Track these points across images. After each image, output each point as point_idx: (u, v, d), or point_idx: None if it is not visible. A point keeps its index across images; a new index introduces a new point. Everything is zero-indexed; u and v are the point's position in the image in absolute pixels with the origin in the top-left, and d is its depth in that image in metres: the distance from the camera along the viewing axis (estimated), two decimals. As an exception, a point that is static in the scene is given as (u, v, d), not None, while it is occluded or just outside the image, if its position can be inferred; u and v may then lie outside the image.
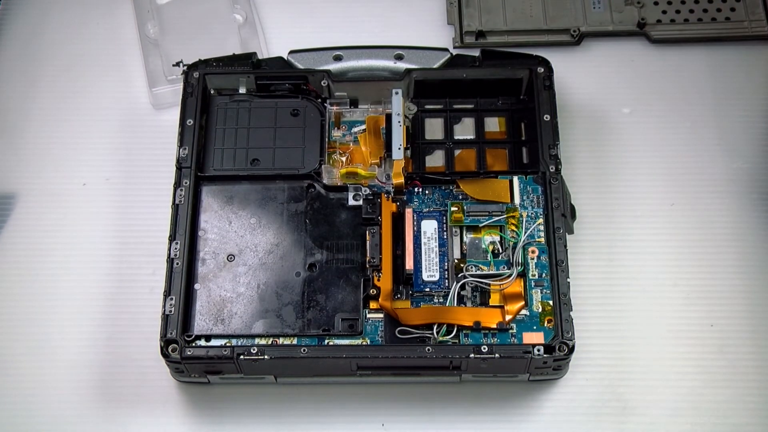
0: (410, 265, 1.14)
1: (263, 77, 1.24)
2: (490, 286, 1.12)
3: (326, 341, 1.11)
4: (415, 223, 1.16)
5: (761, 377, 1.16)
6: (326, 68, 1.24)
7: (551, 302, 1.11)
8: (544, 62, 1.22)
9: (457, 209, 1.16)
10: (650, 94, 1.32)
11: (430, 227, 1.16)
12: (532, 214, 1.16)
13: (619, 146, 1.28)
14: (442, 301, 1.13)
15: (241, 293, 1.13)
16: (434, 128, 1.24)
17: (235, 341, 1.10)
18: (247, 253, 1.15)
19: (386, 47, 1.27)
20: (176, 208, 1.15)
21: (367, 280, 1.13)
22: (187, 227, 1.14)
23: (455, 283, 1.13)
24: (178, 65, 1.29)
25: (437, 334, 1.10)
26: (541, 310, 1.11)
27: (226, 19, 1.36)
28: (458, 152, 1.22)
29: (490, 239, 1.15)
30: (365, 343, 1.11)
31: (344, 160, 1.21)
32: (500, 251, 1.15)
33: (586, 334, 1.15)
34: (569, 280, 1.11)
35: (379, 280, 1.13)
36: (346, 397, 1.15)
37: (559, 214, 1.14)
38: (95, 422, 1.15)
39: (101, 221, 1.25)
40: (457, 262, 1.15)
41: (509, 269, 1.13)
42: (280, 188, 1.19)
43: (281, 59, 1.26)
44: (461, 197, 1.18)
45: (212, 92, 1.25)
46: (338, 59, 1.26)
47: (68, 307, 1.20)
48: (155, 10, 1.36)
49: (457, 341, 1.10)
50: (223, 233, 1.16)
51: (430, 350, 1.07)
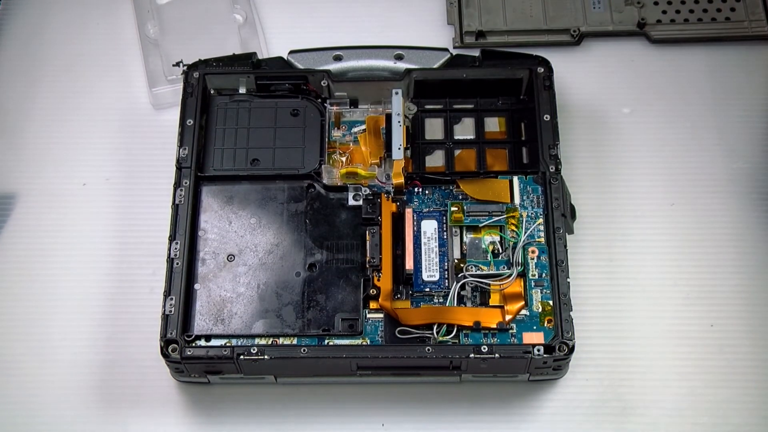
0: (410, 265, 1.14)
1: (263, 77, 1.24)
2: (490, 286, 1.12)
3: (326, 341, 1.11)
4: (415, 223, 1.16)
5: (761, 377, 1.16)
6: (326, 68, 1.24)
7: (551, 302, 1.11)
8: (544, 62, 1.22)
9: (457, 209, 1.16)
10: (650, 94, 1.32)
11: (430, 227, 1.16)
12: (532, 214, 1.16)
13: (619, 146, 1.28)
14: (442, 301, 1.13)
15: (241, 293, 1.13)
16: (434, 128, 1.24)
17: (235, 341, 1.10)
18: (247, 253, 1.15)
19: (386, 47, 1.27)
20: (176, 208, 1.15)
21: (367, 280, 1.13)
22: (187, 227, 1.14)
23: (455, 283, 1.13)
24: (178, 65, 1.29)
25: (437, 334, 1.10)
26: (541, 310, 1.11)
27: (226, 19, 1.36)
28: (458, 152, 1.22)
29: (490, 239, 1.15)
30: (365, 343, 1.11)
31: (344, 160, 1.21)
32: (500, 251, 1.15)
33: (586, 334, 1.15)
34: (569, 280, 1.11)
35: (379, 280, 1.13)
36: (346, 397, 1.15)
37: (559, 214, 1.14)
38: (95, 422, 1.15)
39: (101, 221, 1.25)
40: (457, 262, 1.15)
41: (509, 269, 1.13)
42: (280, 188, 1.19)
43: (281, 59, 1.26)
44: (461, 197, 1.18)
45: (212, 92, 1.25)
46: (338, 59, 1.26)
47: (68, 307, 1.20)
48: (155, 10, 1.36)
49: (457, 341, 1.10)
50: (223, 233, 1.16)
51: (430, 350, 1.07)
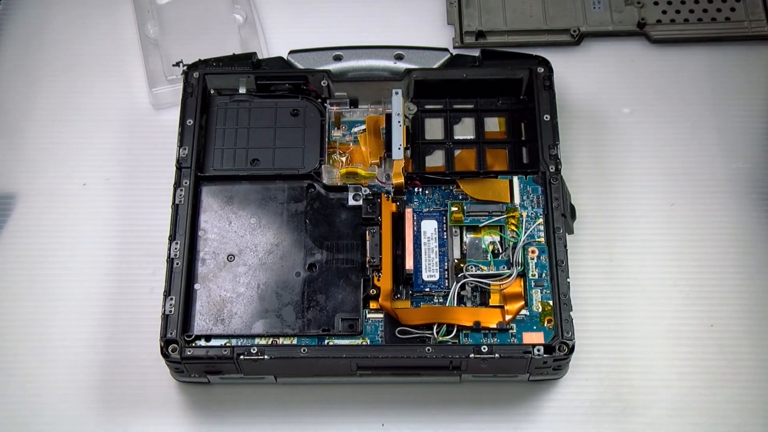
0: (410, 265, 1.14)
1: (263, 77, 1.24)
2: (490, 286, 1.12)
3: (326, 341, 1.11)
4: (415, 223, 1.16)
5: (761, 377, 1.16)
6: (326, 68, 1.24)
7: (551, 302, 1.11)
8: (544, 62, 1.22)
9: (457, 209, 1.16)
10: (650, 94, 1.32)
11: (430, 227, 1.16)
12: (532, 214, 1.16)
13: (619, 146, 1.28)
14: (442, 301, 1.13)
15: (241, 293, 1.13)
16: (434, 128, 1.24)
17: (235, 341, 1.10)
18: (247, 253, 1.15)
19: (386, 47, 1.27)
20: (176, 208, 1.15)
21: (367, 280, 1.13)
22: (187, 227, 1.14)
23: (455, 283, 1.13)
24: (178, 65, 1.29)
25: (437, 334, 1.10)
26: (541, 310, 1.11)
27: (226, 19, 1.36)
28: (458, 152, 1.22)
29: (490, 239, 1.15)
30: (365, 343, 1.11)
31: (344, 160, 1.21)
32: (500, 251, 1.15)
33: (586, 334, 1.15)
34: (569, 280, 1.11)
35: (379, 280, 1.13)
36: (346, 397, 1.15)
37: (559, 214, 1.14)
38: (95, 422, 1.15)
39: (101, 221, 1.25)
40: (457, 262, 1.15)
41: (509, 269, 1.13)
42: (280, 188, 1.19)
43: (281, 59, 1.26)
44: (461, 197, 1.18)
45: (212, 92, 1.24)
46: (338, 59, 1.26)
47: (68, 307, 1.20)
48: (155, 10, 1.36)
49: (457, 341, 1.10)
50: (223, 233, 1.16)
51: (430, 350, 1.07)
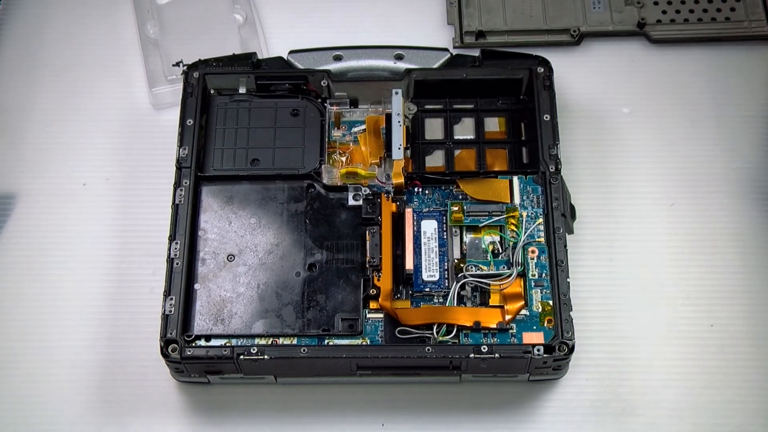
0: (410, 265, 1.14)
1: (263, 77, 1.24)
2: (490, 286, 1.12)
3: (326, 341, 1.11)
4: (415, 223, 1.16)
5: (761, 377, 1.16)
6: (326, 68, 1.24)
7: (551, 302, 1.11)
8: (544, 62, 1.22)
9: (457, 209, 1.16)
10: (650, 94, 1.32)
11: (430, 227, 1.16)
12: (532, 214, 1.16)
13: (619, 146, 1.28)
14: (442, 301, 1.13)
15: (241, 293, 1.13)
16: (434, 128, 1.24)
17: (235, 341, 1.10)
18: (247, 253, 1.15)
19: (386, 47, 1.27)
20: (176, 208, 1.15)
21: (367, 280, 1.13)
22: (187, 227, 1.14)
23: (455, 283, 1.13)
24: (178, 65, 1.29)
25: (437, 334, 1.10)
26: (541, 310, 1.11)
27: (226, 19, 1.36)
28: (458, 152, 1.22)
29: (490, 239, 1.15)
30: (365, 343, 1.11)
31: (344, 160, 1.21)
32: (500, 251, 1.15)
33: (586, 334, 1.15)
34: (569, 280, 1.11)
35: (379, 280, 1.13)
36: (346, 397, 1.15)
37: (559, 214, 1.14)
38: (95, 422, 1.15)
39: (101, 221, 1.25)
40: (457, 262, 1.15)
41: (509, 269, 1.13)
42: (280, 188, 1.19)
43: (281, 59, 1.26)
44: (461, 197, 1.18)
45: (212, 92, 1.24)
46: (338, 59, 1.26)
47: (68, 307, 1.20)
48: (155, 10, 1.36)
49: (457, 341, 1.10)
50: (223, 233, 1.16)
51: (430, 350, 1.07)
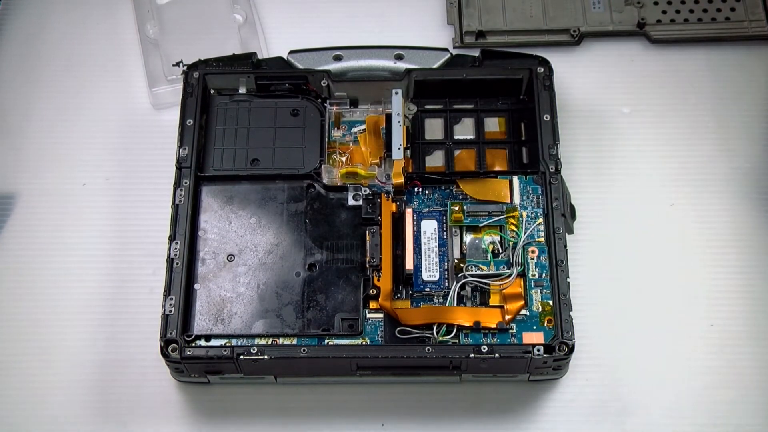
0: (410, 265, 1.14)
1: (263, 77, 1.24)
2: (490, 286, 1.12)
3: (326, 341, 1.11)
4: (415, 223, 1.16)
5: (761, 377, 1.16)
6: (326, 68, 1.24)
7: (551, 302, 1.11)
8: (544, 62, 1.22)
9: (457, 209, 1.16)
10: (650, 94, 1.32)
11: (430, 227, 1.16)
12: (531, 214, 1.16)
13: (619, 146, 1.28)
14: (442, 301, 1.13)
15: (241, 293, 1.13)
16: (434, 128, 1.24)
17: (235, 341, 1.10)
18: (247, 253, 1.15)
19: (386, 47, 1.27)
20: (176, 208, 1.15)
21: (367, 280, 1.13)
22: (187, 227, 1.14)
23: (455, 283, 1.13)
24: (178, 65, 1.29)
25: (437, 334, 1.10)
26: (541, 310, 1.11)
27: (226, 19, 1.36)
28: (458, 152, 1.22)
29: (490, 239, 1.15)
30: (365, 343, 1.11)
31: (344, 160, 1.21)
32: (500, 251, 1.15)
33: (586, 334, 1.15)
34: (569, 280, 1.11)
35: (379, 280, 1.13)
36: (346, 397, 1.15)
37: (558, 214, 1.14)
38: (95, 422, 1.15)
39: (101, 221, 1.25)
40: (457, 262, 1.15)
41: (509, 269, 1.13)
42: (280, 188, 1.19)
43: (281, 59, 1.26)
44: (461, 197, 1.18)
45: (212, 92, 1.24)
46: (338, 59, 1.26)
47: (68, 307, 1.20)
48: (155, 10, 1.36)
49: (457, 341, 1.10)
50: (223, 233, 1.16)
51: (430, 350, 1.07)
